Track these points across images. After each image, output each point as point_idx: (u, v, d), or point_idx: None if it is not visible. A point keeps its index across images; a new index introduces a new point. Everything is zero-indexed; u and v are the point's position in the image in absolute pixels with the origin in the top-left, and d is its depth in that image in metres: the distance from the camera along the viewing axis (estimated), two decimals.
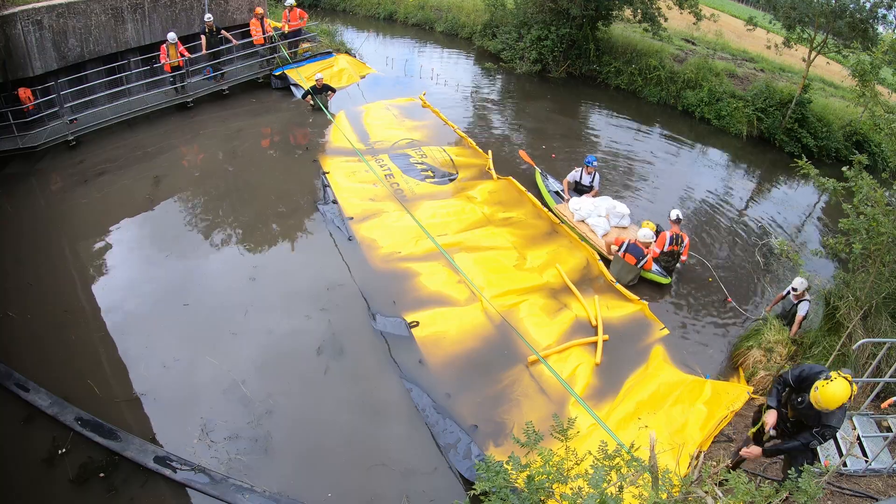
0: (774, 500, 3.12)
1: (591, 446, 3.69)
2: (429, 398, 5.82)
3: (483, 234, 8.50)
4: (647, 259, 7.77)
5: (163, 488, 4.88)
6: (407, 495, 4.99)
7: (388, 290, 7.23)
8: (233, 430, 5.38)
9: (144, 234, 8.03)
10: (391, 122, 11.97)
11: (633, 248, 7.78)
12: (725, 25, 18.75)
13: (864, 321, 6.36)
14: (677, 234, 8.01)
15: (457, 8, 19.06)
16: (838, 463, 5.19)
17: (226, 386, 5.80)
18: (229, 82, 12.42)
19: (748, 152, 13.37)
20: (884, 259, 6.34)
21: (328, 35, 15.66)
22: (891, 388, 6.10)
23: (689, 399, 6.10)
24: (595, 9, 14.83)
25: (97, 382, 5.71)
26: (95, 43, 10.84)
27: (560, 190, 9.71)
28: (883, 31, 12.56)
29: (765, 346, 6.68)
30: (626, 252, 7.82)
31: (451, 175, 10.15)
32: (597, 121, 14.07)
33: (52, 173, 9.34)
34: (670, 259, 8.07)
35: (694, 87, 14.63)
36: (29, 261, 7.30)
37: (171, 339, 6.30)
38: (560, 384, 6.08)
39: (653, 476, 3.13)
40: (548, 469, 3.27)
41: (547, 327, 6.90)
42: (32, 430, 5.25)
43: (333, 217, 8.57)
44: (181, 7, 12.15)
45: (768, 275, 8.78)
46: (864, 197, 6.30)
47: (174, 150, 10.39)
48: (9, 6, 9.50)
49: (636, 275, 7.91)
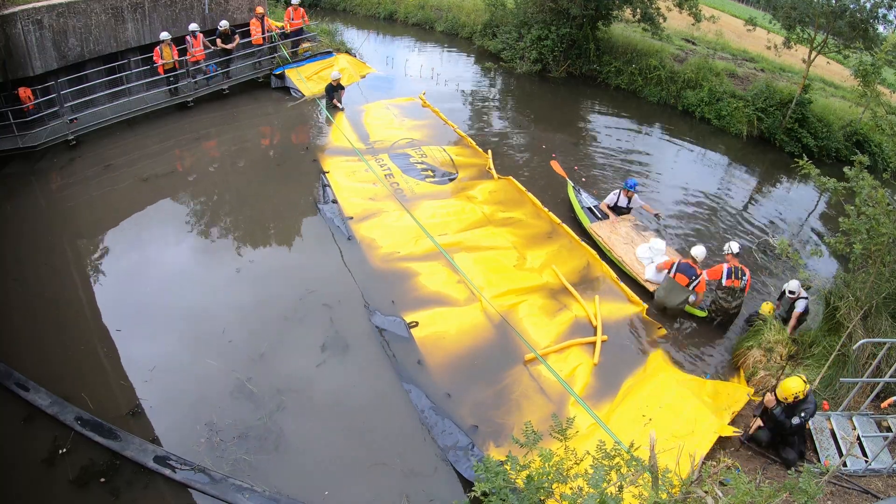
0: (774, 501, 3.12)
1: (590, 446, 3.68)
2: (428, 399, 5.82)
3: (483, 234, 8.50)
4: (700, 280, 7.11)
5: (163, 488, 4.88)
6: (407, 495, 4.99)
7: (388, 290, 7.23)
8: (232, 430, 5.37)
9: (144, 233, 8.03)
10: (391, 122, 11.97)
11: (684, 266, 7.12)
12: (725, 25, 18.74)
13: (864, 321, 6.35)
14: (737, 267, 7.12)
15: (457, 7, 19.06)
16: (838, 463, 5.19)
17: (227, 385, 5.79)
18: (229, 82, 12.42)
19: (748, 152, 13.36)
20: (884, 259, 6.34)
21: (328, 35, 15.65)
22: (891, 388, 6.10)
23: (689, 399, 6.10)
24: (595, 9, 14.83)
25: (97, 383, 5.71)
26: (95, 42, 10.84)
27: (594, 206, 9.24)
28: (884, 30, 12.54)
29: (765, 346, 6.67)
30: (676, 272, 7.18)
31: (451, 175, 10.15)
32: (597, 121, 14.06)
33: (52, 173, 9.34)
34: (729, 297, 7.11)
35: (694, 87, 14.63)
36: (29, 261, 7.30)
37: (171, 338, 6.29)
38: (559, 384, 6.08)
39: (653, 476, 3.13)
40: (547, 469, 3.27)
41: (546, 327, 6.90)
42: (33, 430, 5.25)
43: (333, 216, 8.56)
44: (181, 7, 12.15)
45: (766, 272, 8.77)
46: (866, 197, 6.30)
47: (174, 150, 10.39)
48: (9, 6, 9.50)
49: (685, 298, 7.17)
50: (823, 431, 5.69)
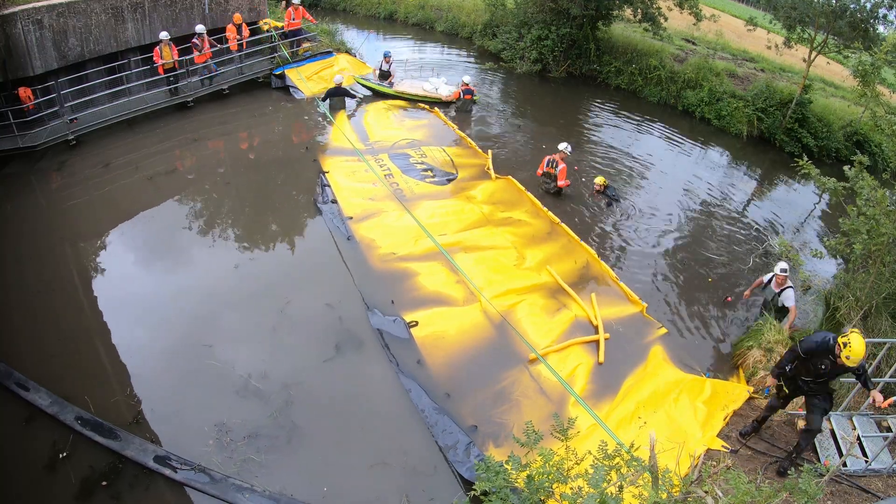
0: (774, 501, 3.12)
1: (591, 446, 3.69)
2: (428, 398, 5.82)
3: (482, 234, 8.50)
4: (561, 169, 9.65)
5: (163, 488, 4.88)
6: (407, 495, 4.99)
7: (388, 290, 7.23)
8: (241, 429, 5.37)
9: (144, 233, 8.03)
10: (391, 122, 11.97)
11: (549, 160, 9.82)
12: (726, 25, 18.73)
13: (864, 321, 6.36)
14: (553, 159, 9.65)
15: (457, 7, 19.07)
16: (838, 463, 5.19)
17: (229, 385, 5.79)
18: (229, 82, 12.41)
19: (748, 152, 13.36)
20: (884, 259, 6.34)
21: (328, 35, 15.65)
22: (891, 388, 6.10)
23: (688, 398, 6.10)
24: (595, 8, 14.82)
25: (98, 384, 5.71)
26: (96, 42, 10.84)
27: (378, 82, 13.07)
28: (884, 30, 12.54)
29: (765, 346, 6.67)
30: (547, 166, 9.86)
31: (451, 175, 10.15)
32: (597, 121, 14.06)
33: (52, 173, 9.34)
34: (547, 180, 9.74)
35: (694, 87, 14.63)
36: (29, 261, 7.30)
37: (172, 339, 6.29)
38: (560, 384, 6.08)
39: (653, 476, 3.13)
40: (548, 469, 3.27)
41: (546, 327, 6.90)
42: (33, 430, 5.25)
43: (333, 216, 8.56)
44: (181, 7, 12.15)
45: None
46: (866, 198, 6.30)
47: (174, 149, 10.38)
48: (9, 5, 9.50)
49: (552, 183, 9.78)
50: (823, 431, 5.69)
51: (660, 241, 9.21)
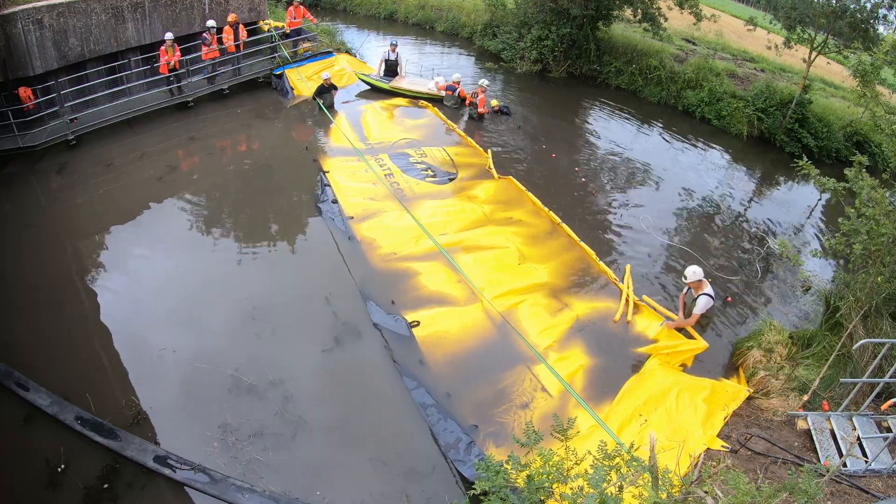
0: (774, 501, 3.12)
1: (591, 446, 3.68)
2: (429, 397, 5.82)
3: (483, 234, 8.50)
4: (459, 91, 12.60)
5: (163, 488, 4.88)
6: (407, 495, 4.99)
7: (388, 290, 7.23)
8: (246, 428, 5.38)
9: (144, 233, 8.03)
10: (390, 122, 11.97)
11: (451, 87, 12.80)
12: (726, 25, 18.73)
13: (864, 321, 6.35)
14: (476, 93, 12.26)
15: (457, 7, 19.07)
16: (838, 463, 5.19)
17: (228, 385, 5.80)
18: (229, 82, 12.41)
19: (748, 152, 13.35)
20: (884, 259, 6.34)
21: (328, 34, 15.65)
22: (891, 389, 6.09)
23: (688, 398, 6.10)
24: (595, 9, 14.83)
25: (99, 385, 5.71)
26: (96, 42, 10.84)
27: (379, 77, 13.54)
28: (884, 31, 12.54)
29: (765, 346, 6.68)
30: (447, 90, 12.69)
31: (452, 174, 10.15)
32: (597, 121, 14.05)
33: (52, 173, 9.34)
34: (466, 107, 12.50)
35: (694, 87, 14.62)
36: (29, 261, 7.30)
37: (172, 338, 6.29)
38: (560, 384, 6.08)
39: (653, 476, 3.13)
40: (548, 469, 3.27)
41: (547, 327, 6.90)
42: (33, 430, 5.25)
43: (333, 216, 8.56)
44: (181, 7, 12.15)
45: (769, 275, 8.77)
46: (866, 198, 6.30)
47: (174, 149, 10.38)
48: (9, 5, 9.50)
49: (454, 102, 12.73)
50: (823, 432, 5.69)
51: (659, 240, 9.21)
